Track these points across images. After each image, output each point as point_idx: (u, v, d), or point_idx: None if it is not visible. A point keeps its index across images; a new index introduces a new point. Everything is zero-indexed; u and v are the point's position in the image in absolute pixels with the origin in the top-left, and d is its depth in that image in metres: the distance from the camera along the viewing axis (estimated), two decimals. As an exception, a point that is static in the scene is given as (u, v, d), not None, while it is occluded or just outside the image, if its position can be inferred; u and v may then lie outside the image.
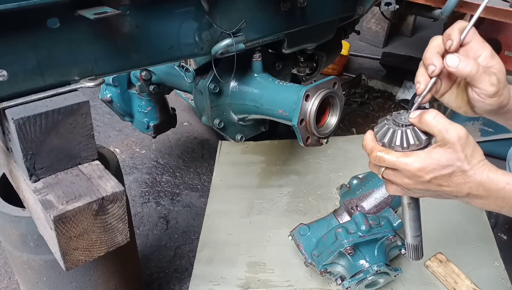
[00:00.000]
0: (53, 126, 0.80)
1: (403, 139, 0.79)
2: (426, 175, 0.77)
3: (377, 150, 0.80)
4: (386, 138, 0.80)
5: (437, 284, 1.36)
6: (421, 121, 0.78)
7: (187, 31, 1.06)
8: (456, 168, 0.76)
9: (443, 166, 0.76)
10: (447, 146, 0.75)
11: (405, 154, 0.78)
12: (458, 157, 0.75)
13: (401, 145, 0.78)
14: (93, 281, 1.29)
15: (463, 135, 0.75)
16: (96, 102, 2.84)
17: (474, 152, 0.77)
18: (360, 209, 1.33)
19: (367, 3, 1.52)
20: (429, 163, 0.76)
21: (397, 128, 0.79)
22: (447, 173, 0.77)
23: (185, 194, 2.23)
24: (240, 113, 1.39)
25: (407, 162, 0.77)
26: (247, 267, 1.46)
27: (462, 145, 0.75)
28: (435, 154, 0.76)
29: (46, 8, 0.79)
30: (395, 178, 0.82)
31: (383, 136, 0.81)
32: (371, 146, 0.82)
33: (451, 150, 0.75)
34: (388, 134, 0.80)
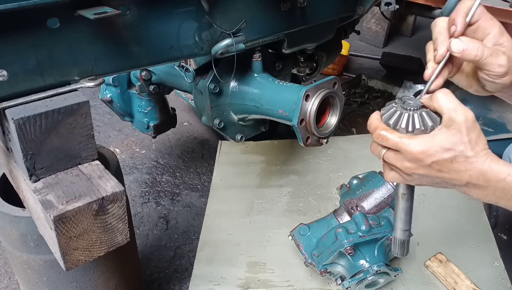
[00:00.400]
0: (53, 126, 0.80)
1: (409, 122, 0.78)
2: (427, 159, 0.75)
3: (381, 128, 0.79)
4: (392, 120, 0.79)
5: (437, 284, 1.36)
6: (432, 98, 0.76)
7: (187, 31, 1.06)
8: (458, 152, 0.74)
9: (446, 149, 0.74)
10: (452, 126, 0.74)
11: (408, 136, 0.77)
12: (462, 140, 0.74)
13: (406, 128, 0.78)
14: (93, 281, 1.29)
15: (470, 118, 0.74)
16: (96, 102, 2.84)
17: (478, 138, 0.75)
18: (360, 209, 1.33)
19: (367, 3, 1.52)
20: (432, 145, 0.75)
21: (404, 111, 0.78)
22: (449, 157, 0.75)
23: (185, 194, 2.23)
24: (240, 113, 1.39)
25: (409, 142, 0.76)
26: (247, 267, 1.46)
27: (467, 128, 0.74)
28: (439, 136, 0.75)
29: (46, 8, 0.79)
30: (395, 161, 0.80)
31: (389, 118, 0.80)
32: (376, 125, 0.81)
33: (455, 131, 0.74)
34: (395, 116, 0.79)
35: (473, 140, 0.74)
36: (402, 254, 0.96)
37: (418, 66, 3.26)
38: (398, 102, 0.81)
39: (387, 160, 0.82)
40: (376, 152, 0.84)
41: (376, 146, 0.83)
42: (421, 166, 0.77)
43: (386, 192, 1.33)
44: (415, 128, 0.77)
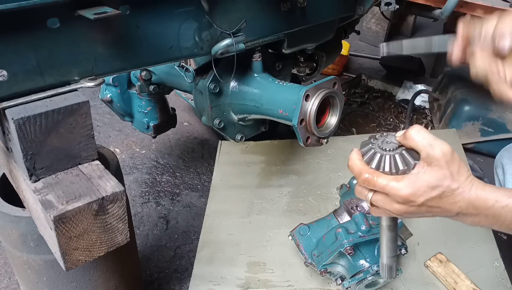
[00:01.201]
0: (53, 126, 0.80)
1: (391, 164, 0.78)
2: (417, 199, 0.76)
3: (366, 172, 0.79)
4: (373, 163, 0.80)
5: (437, 284, 1.36)
6: (406, 136, 0.78)
7: (187, 31, 1.06)
8: (445, 188, 0.76)
9: (433, 186, 0.76)
10: (432, 163, 0.75)
11: (395, 178, 0.77)
12: (445, 175, 0.75)
13: (390, 170, 0.78)
14: (93, 281, 1.29)
15: (447, 151, 0.75)
16: (96, 102, 2.84)
17: (460, 168, 0.77)
18: (360, 209, 1.33)
19: (367, 3, 1.52)
20: (420, 185, 0.76)
21: (384, 153, 0.79)
22: (437, 195, 0.76)
23: (185, 194, 2.23)
24: (240, 113, 1.39)
25: (398, 187, 0.76)
26: (247, 267, 1.46)
27: (447, 161, 0.75)
28: (424, 175, 0.76)
29: (46, 8, 0.79)
30: (384, 204, 0.81)
31: (370, 160, 0.80)
32: (359, 168, 0.81)
33: (437, 167, 0.75)
34: (375, 159, 0.80)
35: (455, 171, 0.76)
36: (390, 277, 1.00)
37: (418, 66, 3.27)
38: (374, 143, 0.82)
39: (375, 203, 0.82)
40: (363, 195, 0.84)
41: (362, 189, 0.83)
42: (411, 206, 0.78)
43: (386, 192, 1.33)
44: (399, 169, 0.78)
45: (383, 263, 0.99)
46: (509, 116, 2.37)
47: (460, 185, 0.76)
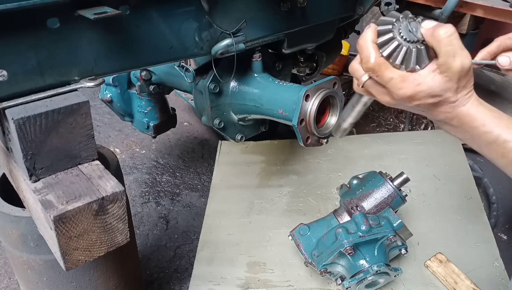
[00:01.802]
0: (53, 126, 0.80)
1: (405, 58, 0.73)
2: (413, 102, 0.74)
3: (375, 59, 0.73)
4: (387, 50, 0.73)
5: (437, 284, 1.36)
6: (434, 34, 0.70)
7: (187, 31, 1.06)
8: (444, 98, 0.73)
9: (434, 95, 0.73)
10: (445, 73, 0.71)
11: (402, 76, 0.72)
12: (451, 88, 0.72)
13: (400, 63, 0.73)
14: (93, 281, 1.29)
15: (467, 66, 0.71)
16: (96, 102, 2.84)
17: (467, 83, 0.74)
18: (360, 209, 1.33)
19: (367, 3, 1.52)
20: (422, 90, 0.72)
21: (402, 43, 0.72)
22: (434, 102, 0.74)
23: (185, 194, 2.23)
24: (240, 113, 1.39)
25: (400, 87, 0.73)
26: (247, 267, 1.46)
27: (460, 76, 0.72)
28: (431, 80, 0.72)
29: (46, 8, 0.79)
30: (376, 93, 0.77)
31: (385, 46, 0.73)
32: (369, 52, 0.73)
33: (447, 79, 0.72)
34: (391, 46, 0.73)
35: (461, 86, 0.73)
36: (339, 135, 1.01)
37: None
38: (396, 25, 0.73)
39: (367, 87, 0.78)
40: (356, 74, 0.79)
41: (359, 68, 0.78)
42: (403, 104, 0.76)
43: (386, 192, 1.33)
44: (409, 66, 0.73)
45: (341, 126, 0.98)
46: (509, 116, 2.36)
47: (459, 98, 0.74)
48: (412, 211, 1.59)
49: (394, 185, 1.33)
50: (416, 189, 1.66)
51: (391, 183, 1.33)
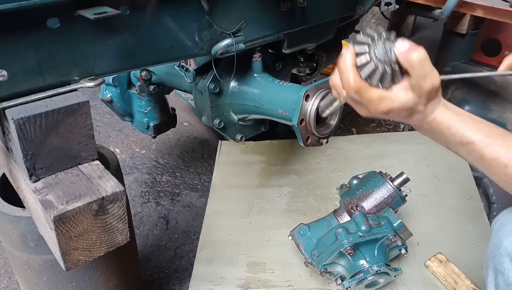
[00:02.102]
0: (53, 126, 0.80)
1: (382, 78, 0.78)
2: (388, 115, 0.82)
3: (357, 83, 0.80)
4: (365, 72, 0.79)
5: (437, 284, 1.36)
6: (407, 58, 0.76)
7: (187, 31, 1.06)
8: (415, 110, 0.81)
9: (407, 108, 0.80)
10: (418, 91, 0.78)
11: (379, 95, 0.79)
12: (422, 102, 0.80)
13: (376, 84, 0.79)
14: (93, 281, 1.29)
15: (436, 86, 0.79)
16: (96, 102, 2.84)
17: (436, 95, 0.81)
18: (360, 209, 1.33)
19: (367, 3, 1.52)
20: (396, 105, 0.80)
21: (378, 64, 0.77)
22: (407, 114, 0.82)
23: (185, 194, 2.23)
24: (240, 113, 1.39)
25: (378, 104, 0.81)
26: (247, 267, 1.46)
27: (430, 93, 0.79)
28: (404, 96, 0.79)
29: (46, 8, 0.79)
30: (354, 105, 0.85)
31: (363, 67, 0.79)
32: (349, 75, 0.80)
33: (418, 95, 0.79)
34: (368, 67, 0.78)
35: (431, 99, 0.80)
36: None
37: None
38: (371, 47, 0.78)
39: (347, 101, 0.86)
40: (338, 89, 0.86)
41: (339, 84, 0.85)
42: (378, 114, 0.84)
43: (386, 192, 1.33)
44: (385, 85, 0.79)
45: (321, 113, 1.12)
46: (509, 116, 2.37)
47: (428, 108, 0.81)
48: (412, 211, 1.59)
49: (394, 185, 1.33)
50: (416, 189, 1.66)
51: (391, 183, 1.33)
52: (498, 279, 0.90)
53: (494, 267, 0.91)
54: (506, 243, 0.88)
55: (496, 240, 0.92)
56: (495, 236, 0.94)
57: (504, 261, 0.88)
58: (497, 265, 0.90)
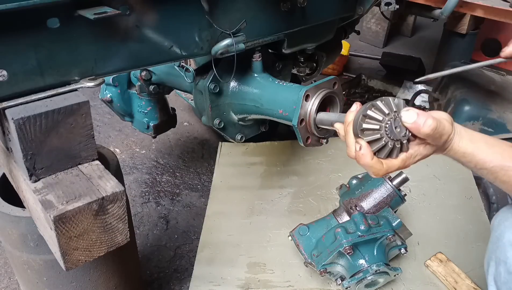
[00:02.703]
0: (53, 126, 0.80)
1: (390, 152, 0.83)
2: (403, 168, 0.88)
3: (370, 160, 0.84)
4: (375, 147, 0.82)
5: (438, 283, 1.36)
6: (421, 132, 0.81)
7: (187, 31, 1.06)
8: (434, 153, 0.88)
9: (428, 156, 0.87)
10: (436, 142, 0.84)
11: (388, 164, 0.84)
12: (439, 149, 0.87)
13: (385, 157, 0.84)
14: (93, 281, 1.29)
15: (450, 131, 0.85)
16: (96, 102, 2.84)
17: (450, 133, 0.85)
18: (359, 209, 1.33)
19: (367, 3, 1.52)
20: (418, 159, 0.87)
21: (389, 142, 0.82)
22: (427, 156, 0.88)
23: (185, 194, 2.23)
24: (240, 113, 1.39)
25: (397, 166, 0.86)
26: (247, 268, 1.46)
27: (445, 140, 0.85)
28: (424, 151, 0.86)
29: (46, 8, 0.79)
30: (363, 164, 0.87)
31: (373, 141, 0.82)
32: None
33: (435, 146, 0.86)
34: (378, 144, 0.82)
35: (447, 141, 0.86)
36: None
37: (418, 66, 3.26)
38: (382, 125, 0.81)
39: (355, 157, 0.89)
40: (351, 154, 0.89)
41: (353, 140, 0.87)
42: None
43: (385, 191, 1.33)
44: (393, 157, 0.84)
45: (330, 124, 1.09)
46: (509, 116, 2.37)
47: (441, 147, 0.87)
48: (412, 211, 1.59)
49: (393, 185, 1.33)
50: (416, 189, 1.66)
51: (390, 183, 1.33)
52: (499, 269, 0.94)
53: (496, 258, 0.95)
54: (509, 234, 0.94)
55: (499, 232, 0.98)
56: (497, 229, 0.99)
57: (508, 251, 0.93)
58: (500, 255, 0.95)
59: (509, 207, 1.02)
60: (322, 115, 1.14)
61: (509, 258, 0.91)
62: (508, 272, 0.91)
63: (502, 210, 1.03)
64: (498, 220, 1.01)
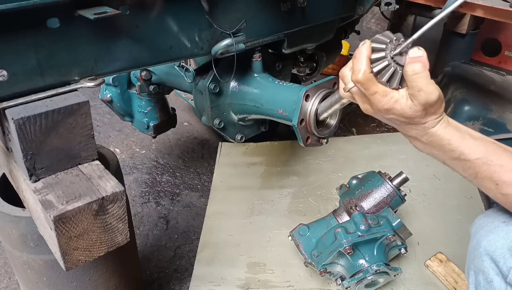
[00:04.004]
0: (53, 126, 0.80)
1: (391, 77, 0.82)
2: (388, 115, 0.84)
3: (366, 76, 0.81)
4: (377, 67, 0.82)
5: (438, 283, 1.36)
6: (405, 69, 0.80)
7: (187, 31, 1.06)
8: (413, 121, 0.84)
9: (406, 116, 0.83)
10: (414, 101, 0.81)
11: (384, 92, 0.82)
12: (418, 114, 0.82)
13: (386, 81, 0.82)
14: (93, 281, 1.29)
15: (432, 100, 0.80)
16: (96, 102, 2.84)
17: (436, 110, 0.83)
18: (359, 209, 1.33)
19: (367, 3, 1.52)
20: (396, 108, 0.82)
21: (392, 64, 0.81)
22: (405, 122, 0.84)
23: (185, 194, 2.23)
24: (240, 113, 1.39)
25: (380, 100, 0.82)
26: (247, 268, 1.46)
27: (426, 107, 0.81)
28: (404, 103, 0.82)
29: (46, 8, 0.79)
30: (359, 99, 0.87)
31: (376, 62, 0.82)
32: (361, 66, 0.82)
33: (415, 105, 0.81)
34: (381, 64, 0.82)
35: (429, 113, 0.82)
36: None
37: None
38: (389, 46, 0.82)
39: (352, 92, 0.87)
40: (345, 80, 0.87)
41: (348, 74, 0.86)
42: (379, 114, 0.87)
43: (385, 191, 1.33)
44: (393, 85, 0.82)
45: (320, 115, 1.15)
46: (509, 116, 2.37)
47: (428, 121, 0.84)
48: (412, 211, 1.59)
49: (393, 185, 1.33)
50: (416, 189, 1.66)
51: (390, 183, 1.33)
52: (478, 278, 0.94)
53: (475, 267, 0.95)
54: (485, 243, 0.92)
55: (475, 241, 0.96)
56: (474, 238, 0.98)
57: (484, 260, 0.92)
58: (478, 264, 0.94)
59: (485, 214, 1.00)
60: (321, 104, 1.15)
61: (486, 267, 0.90)
62: (487, 281, 0.90)
63: (478, 218, 1.01)
64: (474, 228, 0.99)
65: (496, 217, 0.96)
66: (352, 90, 0.86)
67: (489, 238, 0.92)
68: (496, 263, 0.89)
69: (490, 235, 0.92)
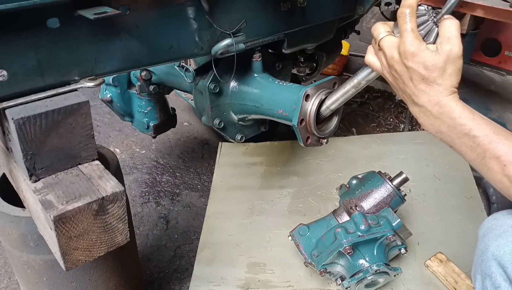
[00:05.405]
0: (53, 126, 0.80)
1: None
2: (410, 60, 0.85)
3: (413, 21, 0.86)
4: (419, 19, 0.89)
5: (438, 283, 1.36)
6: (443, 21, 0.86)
7: (187, 31, 1.06)
8: (431, 76, 0.85)
9: (425, 66, 0.84)
10: (438, 51, 0.84)
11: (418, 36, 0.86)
12: (439, 67, 0.84)
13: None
14: (93, 281, 1.29)
15: (455, 53, 0.84)
16: (96, 102, 2.84)
17: (453, 74, 0.84)
18: (359, 209, 1.33)
19: (367, 3, 1.52)
20: (421, 56, 0.84)
21: (430, 20, 0.89)
22: (423, 74, 0.85)
23: (185, 194, 2.23)
24: (240, 113, 1.39)
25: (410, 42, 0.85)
26: (247, 268, 1.46)
27: (447, 60, 0.83)
28: (428, 54, 0.84)
29: (46, 8, 0.79)
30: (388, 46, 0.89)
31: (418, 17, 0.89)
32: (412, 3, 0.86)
33: (438, 57, 0.84)
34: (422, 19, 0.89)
35: (447, 72, 0.84)
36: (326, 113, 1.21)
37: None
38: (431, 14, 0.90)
39: (383, 42, 0.90)
40: (377, 32, 0.92)
41: (380, 27, 0.91)
42: (402, 63, 0.87)
43: (385, 191, 1.33)
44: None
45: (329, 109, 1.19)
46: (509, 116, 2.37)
47: (442, 86, 0.85)
48: (412, 211, 1.59)
49: (393, 185, 1.33)
50: (416, 189, 1.66)
51: (390, 183, 1.33)
52: (485, 283, 0.92)
53: (482, 272, 0.93)
54: (493, 248, 0.90)
55: (483, 245, 0.94)
56: (482, 241, 0.96)
57: (492, 265, 0.90)
58: (485, 269, 0.92)
59: (493, 217, 0.98)
60: (331, 95, 1.17)
61: (494, 272, 0.89)
62: (494, 286, 0.88)
63: (486, 220, 0.99)
64: (483, 231, 0.97)
65: (505, 220, 0.94)
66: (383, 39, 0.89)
67: (497, 242, 0.90)
68: (504, 268, 0.87)
69: (498, 240, 0.90)
